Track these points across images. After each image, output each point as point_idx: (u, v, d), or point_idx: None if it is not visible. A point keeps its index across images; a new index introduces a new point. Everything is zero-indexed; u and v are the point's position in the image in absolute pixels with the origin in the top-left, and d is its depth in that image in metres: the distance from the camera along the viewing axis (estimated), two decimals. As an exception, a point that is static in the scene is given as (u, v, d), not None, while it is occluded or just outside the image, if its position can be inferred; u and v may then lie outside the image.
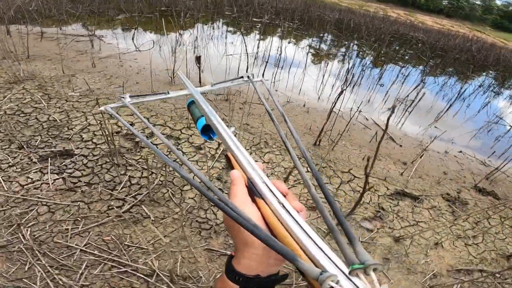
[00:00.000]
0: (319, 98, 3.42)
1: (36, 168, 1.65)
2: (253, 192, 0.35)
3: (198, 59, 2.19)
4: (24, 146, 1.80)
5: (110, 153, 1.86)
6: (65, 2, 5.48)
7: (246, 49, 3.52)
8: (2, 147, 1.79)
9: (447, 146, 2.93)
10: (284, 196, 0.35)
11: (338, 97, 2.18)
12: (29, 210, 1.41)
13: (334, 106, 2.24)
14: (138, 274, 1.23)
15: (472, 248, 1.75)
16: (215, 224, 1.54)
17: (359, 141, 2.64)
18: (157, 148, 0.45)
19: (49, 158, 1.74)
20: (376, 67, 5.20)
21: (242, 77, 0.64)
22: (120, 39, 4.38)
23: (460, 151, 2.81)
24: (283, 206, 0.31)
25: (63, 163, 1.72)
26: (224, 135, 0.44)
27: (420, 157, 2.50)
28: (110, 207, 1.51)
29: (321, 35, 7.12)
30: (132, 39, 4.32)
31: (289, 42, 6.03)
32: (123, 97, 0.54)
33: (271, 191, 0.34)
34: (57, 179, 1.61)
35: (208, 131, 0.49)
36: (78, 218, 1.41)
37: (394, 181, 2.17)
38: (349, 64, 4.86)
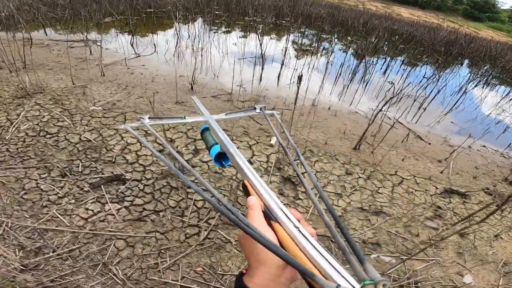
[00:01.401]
0: (339, 99, 3.49)
1: (92, 198, 1.55)
2: (268, 216, 0.39)
3: (299, 78, 2.17)
4: (67, 173, 1.68)
5: (162, 175, 1.79)
6: (42, 6, 5.11)
7: (262, 53, 3.50)
8: (41, 175, 1.66)
9: (467, 140, 3.12)
10: (298, 221, 0.38)
11: (382, 107, 2.24)
12: (106, 246, 1.32)
13: (377, 113, 2.30)
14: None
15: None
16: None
17: (392, 142, 2.74)
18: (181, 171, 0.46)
19: (101, 186, 1.64)
20: (379, 64, 5.39)
21: (255, 108, 0.66)
22: (115, 43, 4.17)
23: (484, 146, 3.00)
24: (299, 230, 0.35)
25: (119, 190, 1.63)
26: (241, 163, 0.46)
27: (451, 153, 2.64)
28: (187, 235, 1.46)
29: (322, 33, 7.23)
30: (132, 44, 4.12)
31: (292, 43, 6.07)
32: (142, 118, 0.56)
33: (287, 216, 0.37)
34: (120, 208, 1.52)
35: (220, 158, 0.51)
36: (162, 251, 1.35)
37: (438, 180, 2.28)
38: (364, 64, 4.99)
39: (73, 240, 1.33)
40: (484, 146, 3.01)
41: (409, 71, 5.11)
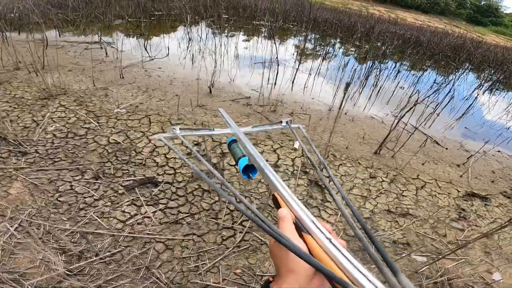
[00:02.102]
0: (354, 104, 3.52)
1: (127, 201, 1.58)
2: (299, 228, 0.40)
3: (347, 85, 2.22)
4: (101, 176, 1.71)
5: (193, 178, 1.81)
6: (51, 8, 5.15)
7: (277, 58, 3.54)
8: (75, 177, 1.68)
9: (481, 145, 3.15)
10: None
11: (404, 114, 2.28)
12: (147, 249, 1.35)
13: (398, 121, 2.33)
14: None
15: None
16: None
17: (410, 146, 2.77)
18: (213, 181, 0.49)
19: (135, 188, 1.67)
20: (388, 67, 5.43)
21: (281, 122, 0.69)
22: (128, 46, 4.20)
23: (499, 151, 3.03)
24: (330, 241, 0.36)
25: (153, 193, 1.65)
26: (271, 176, 0.47)
27: (468, 158, 2.68)
28: (223, 238, 1.48)
29: (331, 38, 7.29)
30: (145, 48, 4.16)
31: (301, 47, 6.11)
32: (174, 129, 0.61)
33: (318, 228, 0.38)
34: (155, 211, 1.55)
35: (248, 170, 0.52)
36: (200, 253, 1.37)
37: (459, 183, 2.31)
38: (378, 69, 5.03)
39: (114, 243, 1.35)
40: (499, 151, 3.04)
41: (420, 76, 5.15)
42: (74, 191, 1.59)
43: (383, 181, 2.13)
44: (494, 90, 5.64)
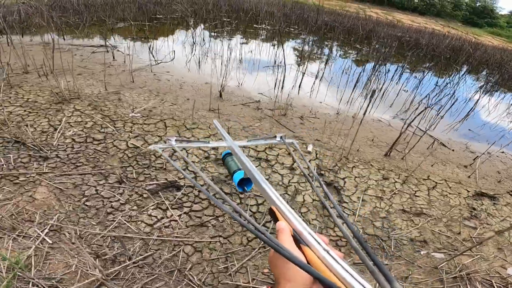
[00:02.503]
0: (360, 108, 3.60)
1: (153, 204, 1.62)
2: (297, 240, 0.42)
3: (373, 93, 2.27)
4: (124, 180, 1.75)
5: (214, 181, 1.86)
6: (53, 12, 5.18)
7: (285, 62, 3.61)
8: (99, 182, 1.72)
9: (486, 146, 3.25)
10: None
11: (414, 119, 2.35)
12: (176, 252, 1.39)
13: (408, 126, 2.41)
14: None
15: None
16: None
17: (418, 148, 2.85)
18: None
19: (159, 192, 1.71)
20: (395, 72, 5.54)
21: (275, 136, 0.71)
22: (133, 49, 4.24)
23: (503, 152, 3.13)
24: (328, 252, 0.37)
25: (177, 197, 1.70)
26: (267, 190, 0.49)
27: (474, 159, 2.76)
28: (248, 239, 1.53)
29: (333, 42, 7.39)
30: (151, 51, 4.20)
31: (303, 51, 6.20)
32: (169, 140, 0.60)
33: (316, 240, 0.40)
34: (181, 214, 1.59)
35: (243, 183, 0.54)
36: (228, 255, 1.42)
37: (468, 184, 2.39)
38: (384, 72, 5.12)
39: (144, 247, 1.39)
40: (503, 152, 3.13)
41: (421, 79, 5.27)
42: (100, 195, 1.63)
43: (396, 182, 2.20)
44: (493, 92, 5.78)
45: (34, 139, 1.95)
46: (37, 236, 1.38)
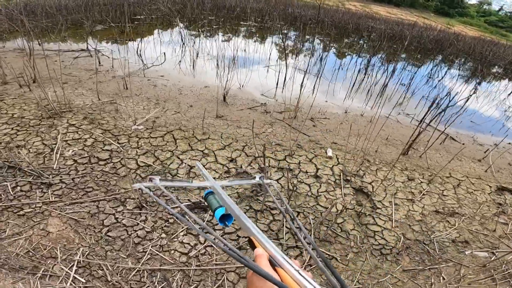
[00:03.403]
0: (366, 104, 3.61)
1: (182, 230, 1.50)
2: (273, 264, 0.49)
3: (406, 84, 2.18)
4: (144, 205, 1.61)
5: (240, 198, 1.76)
6: (21, 16, 4.79)
7: (286, 61, 3.54)
8: (116, 209, 1.57)
9: (492, 138, 3.36)
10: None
11: (432, 120, 2.36)
12: (221, 281, 1.28)
13: (427, 125, 2.42)
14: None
15: None
16: (392, 247, 1.59)
17: (431, 145, 2.88)
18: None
19: (185, 216, 1.58)
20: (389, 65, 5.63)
21: (255, 177, 0.77)
22: (117, 52, 4.00)
23: (509, 143, 3.24)
24: (299, 272, 0.43)
25: (205, 220, 1.58)
26: (247, 223, 0.56)
27: (485, 152, 2.84)
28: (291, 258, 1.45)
29: (326, 39, 7.39)
30: (139, 54, 3.98)
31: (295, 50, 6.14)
32: (154, 179, 0.66)
33: (289, 263, 0.46)
34: (215, 238, 1.48)
35: (224, 219, 0.61)
36: (277, 281, 1.33)
37: (487, 179, 2.44)
38: (386, 68, 5.16)
39: (186, 278, 1.27)
40: (510, 143, 3.25)
41: (415, 72, 5.39)
42: (122, 223, 1.48)
43: (422, 182, 2.20)
44: (481, 81, 6.03)
45: (30, 162, 1.75)
46: (66, 275, 1.23)
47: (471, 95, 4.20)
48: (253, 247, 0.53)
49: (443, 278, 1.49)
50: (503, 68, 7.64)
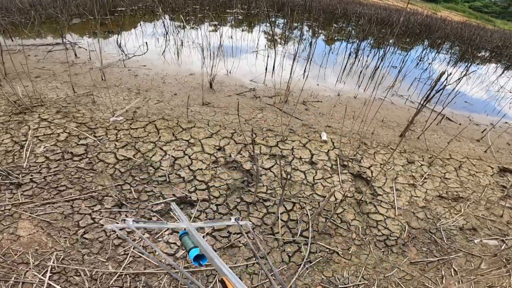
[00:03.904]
0: (359, 87, 3.48)
1: (167, 229, 1.35)
2: None
3: (442, 74, 2.08)
4: (123, 202, 1.45)
5: (231, 190, 1.62)
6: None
7: (275, 45, 3.37)
8: (93, 208, 1.41)
9: (488, 118, 3.28)
10: None
11: (429, 100, 2.25)
12: (212, 284, 1.15)
13: (423, 106, 2.31)
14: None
15: None
16: (397, 237, 1.48)
17: (427, 125, 2.78)
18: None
19: (170, 212, 1.44)
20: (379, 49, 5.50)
21: (230, 219, 0.78)
22: (97, 44, 3.76)
23: (506, 122, 3.18)
24: None
25: (192, 215, 1.44)
26: (219, 264, 0.57)
27: (482, 132, 2.75)
28: (289, 254, 1.33)
29: (315, 23, 7.20)
30: (119, 45, 3.74)
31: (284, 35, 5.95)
32: (126, 220, 0.65)
33: None
34: (203, 236, 1.34)
35: (198, 259, 0.62)
36: (273, 277, 1.21)
37: (488, 159, 2.35)
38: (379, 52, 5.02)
39: (173, 282, 1.14)
40: (506, 122, 3.18)
41: (405, 55, 5.28)
42: (100, 224, 1.33)
43: (422, 165, 2.09)
44: (470, 63, 5.98)
45: (-4, 162, 1.57)
46: (39, 281, 1.08)
47: (463, 76, 4.12)
48: (225, 286, 0.56)
49: (454, 270, 1.39)
50: (491, 51, 7.63)
